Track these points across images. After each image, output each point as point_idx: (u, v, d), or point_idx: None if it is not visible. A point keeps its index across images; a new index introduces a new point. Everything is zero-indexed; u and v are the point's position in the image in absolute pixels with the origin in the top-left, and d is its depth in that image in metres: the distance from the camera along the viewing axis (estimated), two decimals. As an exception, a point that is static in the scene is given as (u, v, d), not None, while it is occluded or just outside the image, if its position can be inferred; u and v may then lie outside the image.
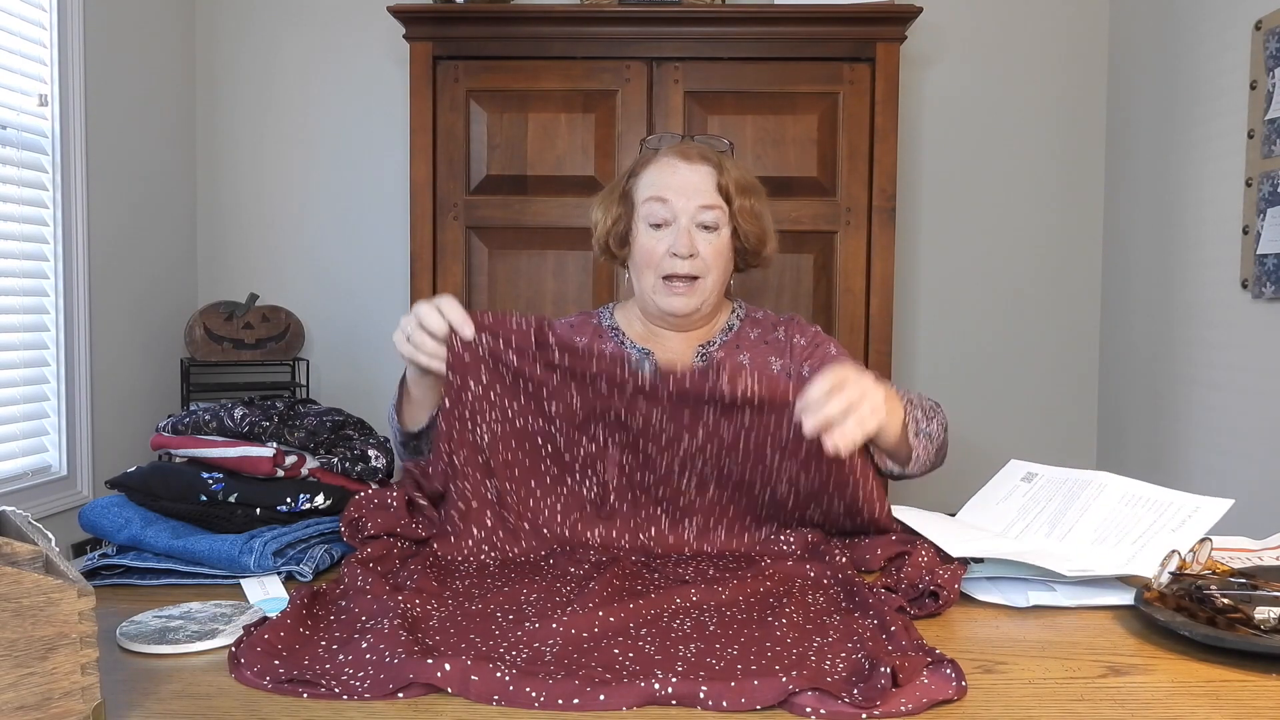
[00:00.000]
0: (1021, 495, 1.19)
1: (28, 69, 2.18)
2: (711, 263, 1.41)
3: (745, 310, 1.56)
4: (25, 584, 0.61)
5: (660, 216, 1.41)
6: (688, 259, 1.39)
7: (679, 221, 1.40)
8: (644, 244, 1.43)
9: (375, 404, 2.84)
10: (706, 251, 1.40)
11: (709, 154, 1.44)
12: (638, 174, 1.46)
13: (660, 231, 1.42)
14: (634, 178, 1.46)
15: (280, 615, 0.83)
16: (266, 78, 2.86)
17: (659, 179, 1.42)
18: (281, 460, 1.09)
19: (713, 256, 1.41)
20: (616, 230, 1.48)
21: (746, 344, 1.50)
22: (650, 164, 1.45)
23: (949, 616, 0.93)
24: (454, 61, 2.42)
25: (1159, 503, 1.07)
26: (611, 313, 1.56)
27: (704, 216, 1.40)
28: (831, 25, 2.37)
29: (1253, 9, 2.13)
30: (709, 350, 1.49)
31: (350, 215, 2.88)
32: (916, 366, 2.88)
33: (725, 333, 1.51)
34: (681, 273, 1.40)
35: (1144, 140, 2.62)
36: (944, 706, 0.72)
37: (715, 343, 1.50)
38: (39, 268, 2.23)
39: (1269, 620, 0.82)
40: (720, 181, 1.41)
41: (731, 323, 1.53)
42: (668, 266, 1.40)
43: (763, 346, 1.50)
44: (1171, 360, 2.47)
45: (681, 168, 1.42)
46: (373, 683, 0.73)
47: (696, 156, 1.42)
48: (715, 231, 1.41)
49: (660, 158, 1.44)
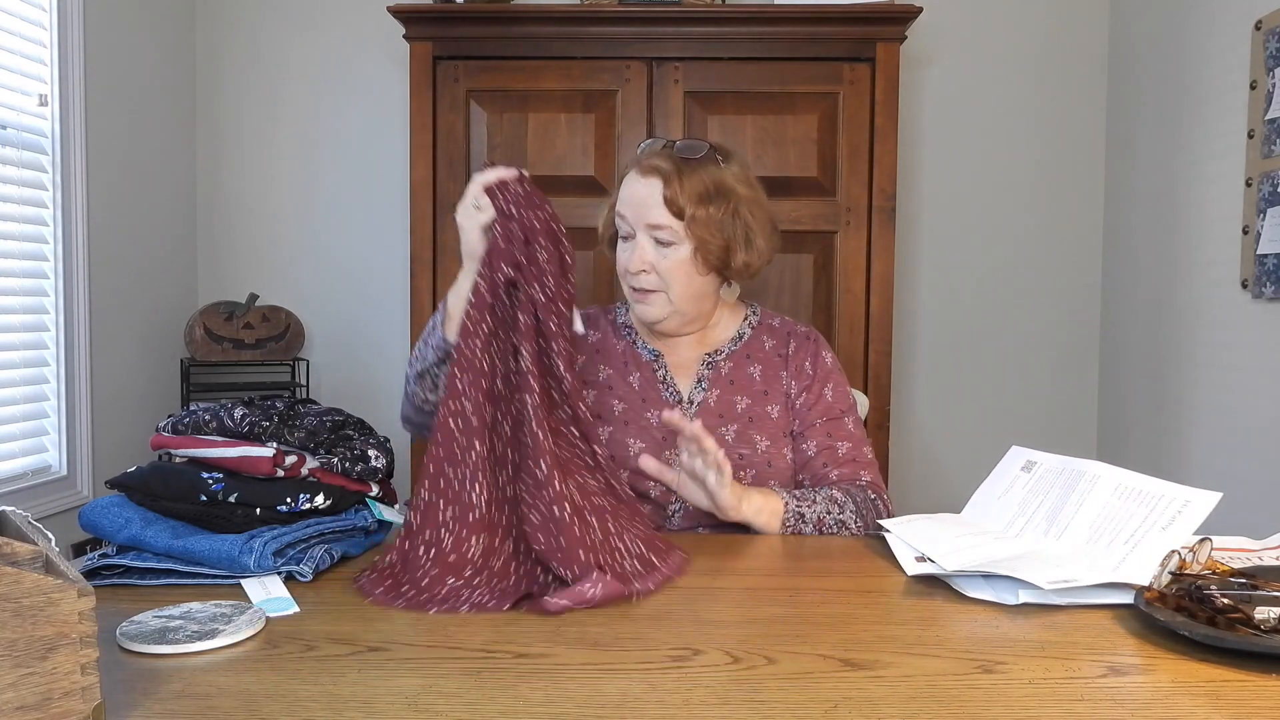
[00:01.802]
0: (1021, 487, 1.21)
1: (28, 69, 2.18)
2: (669, 277, 1.39)
3: (761, 317, 1.54)
4: (25, 584, 0.61)
5: (624, 230, 1.42)
6: (639, 274, 1.40)
7: (636, 236, 1.40)
8: (616, 255, 1.46)
9: (375, 404, 2.85)
10: (663, 266, 1.39)
11: (664, 165, 1.39)
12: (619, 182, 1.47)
13: (625, 244, 1.43)
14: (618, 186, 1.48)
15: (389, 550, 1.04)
16: (267, 78, 2.86)
17: (623, 192, 1.42)
18: (281, 460, 1.09)
19: (669, 271, 1.39)
20: (607, 236, 1.51)
21: (759, 354, 1.49)
22: (625, 174, 1.45)
23: (949, 616, 0.93)
24: (454, 61, 2.42)
25: (1150, 495, 1.08)
26: (627, 310, 1.55)
27: (655, 233, 1.39)
28: (831, 25, 2.37)
29: (1253, 9, 2.13)
30: (716, 359, 1.48)
31: (350, 215, 2.88)
32: (916, 366, 2.88)
33: (735, 341, 1.50)
34: (637, 286, 1.41)
35: (1144, 140, 2.62)
36: (944, 706, 0.72)
37: (724, 351, 1.49)
38: (39, 268, 2.23)
39: (1269, 620, 0.82)
40: (667, 195, 1.37)
41: (743, 331, 1.51)
42: (630, 280, 1.42)
43: (775, 359, 1.49)
44: (1171, 360, 2.47)
45: (636, 182, 1.40)
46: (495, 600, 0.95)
47: (650, 169, 1.39)
48: (670, 246, 1.39)
49: (631, 168, 1.43)
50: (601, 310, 1.58)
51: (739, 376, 1.47)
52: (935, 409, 2.89)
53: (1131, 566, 0.99)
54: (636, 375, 1.48)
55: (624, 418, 1.44)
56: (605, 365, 1.50)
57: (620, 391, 1.47)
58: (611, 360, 1.50)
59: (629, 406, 1.45)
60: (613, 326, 1.54)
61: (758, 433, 1.43)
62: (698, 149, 1.42)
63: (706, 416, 1.43)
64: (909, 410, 2.88)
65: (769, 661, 0.81)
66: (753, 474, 1.41)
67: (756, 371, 1.48)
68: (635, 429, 1.43)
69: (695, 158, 1.41)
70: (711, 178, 1.40)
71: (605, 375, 1.49)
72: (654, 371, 1.47)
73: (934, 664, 0.81)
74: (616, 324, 1.54)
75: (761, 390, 1.46)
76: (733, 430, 1.43)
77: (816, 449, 1.44)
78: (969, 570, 1.01)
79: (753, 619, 0.92)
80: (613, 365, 1.49)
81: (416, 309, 2.43)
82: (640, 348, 1.50)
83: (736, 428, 1.43)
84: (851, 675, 0.78)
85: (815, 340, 1.52)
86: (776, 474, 1.42)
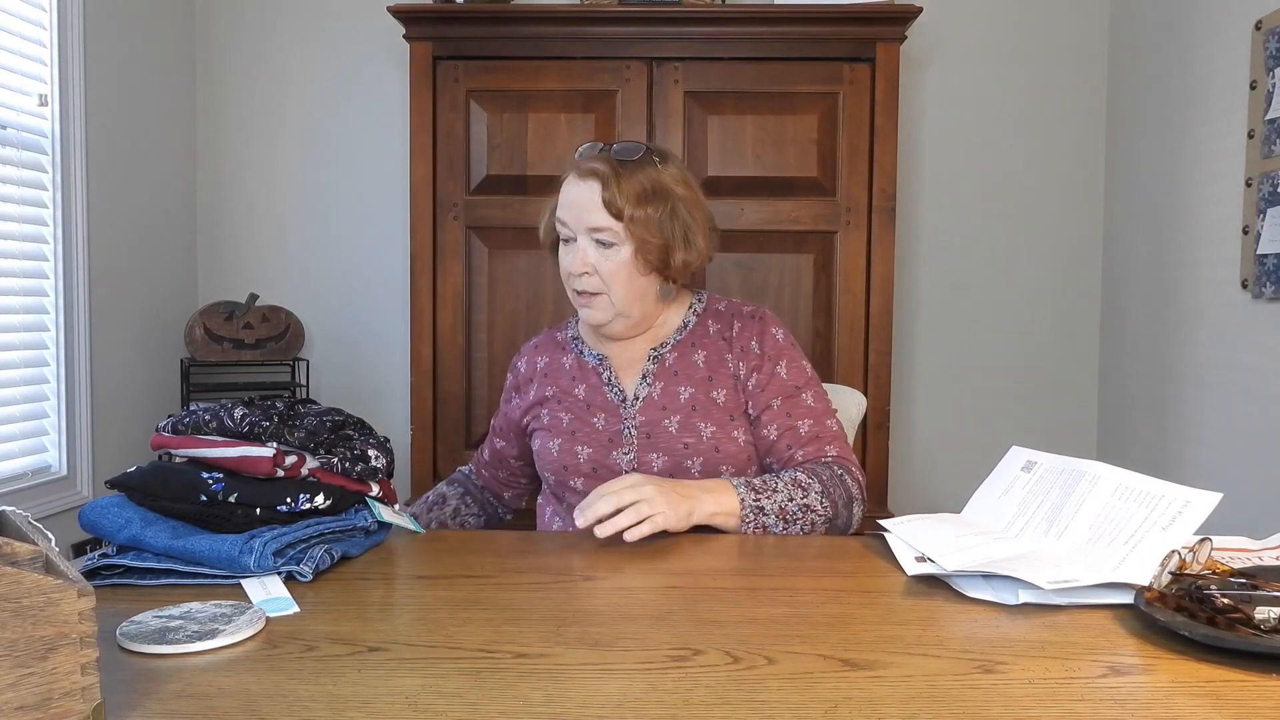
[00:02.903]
0: (1021, 488, 1.21)
1: (28, 69, 2.18)
2: (610, 279, 1.40)
3: (707, 303, 1.54)
4: (25, 584, 0.61)
5: (564, 234, 1.43)
6: (581, 276, 1.41)
7: (576, 239, 1.41)
8: (559, 259, 1.46)
9: (375, 404, 2.85)
10: (605, 268, 1.40)
11: (601, 167, 1.39)
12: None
13: (566, 247, 1.44)
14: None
15: None
16: (267, 78, 2.86)
17: (562, 196, 1.43)
18: (281, 460, 1.09)
19: (610, 273, 1.40)
20: (549, 240, 1.51)
21: (703, 340, 1.49)
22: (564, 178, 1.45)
23: (948, 616, 0.93)
24: (454, 61, 2.42)
25: (1150, 495, 1.07)
26: (576, 323, 1.58)
27: (595, 235, 1.40)
28: (831, 25, 2.37)
29: (1253, 9, 2.13)
30: (661, 352, 1.49)
31: (350, 215, 2.88)
32: (916, 366, 2.88)
33: (680, 331, 1.50)
34: (580, 289, 1.42)
35: (1144, 140, 2.62)
36: (944, 706, 0.72)
37: (669, 343, 1.49)
38: (39, 268, 2.23)
39: (1269, 620, 0.82)
40: (605, 196, 1.38)
41: (688, 319, 1.51)
42: (573, 283, 1.43)
43: (720, 343, 1.49)
44: (1171, 360, 2.47)
45: (574, 185, 1.41)
46: None
47: (588, 172, 1.40)
48: (611, 248, 1.40)
49: (568, 172, 1.44)
50: (550, 333, 1.61)
51: (683, 366, 1.47)
52: (935, 409, 2.89)
53: (1131, 566, 0.99)
54: (583, 385, 1.50)
55: (571, 428, 1.47)
56: (552, 384, 1.53)
57: (567, 403, 1.50)
58: (559, 378, 1.53)
59: (575, 416, 1.48)
60: (561, 346, 1.56)
61: (702, 420, 1.43)
62: (634, 150, 1.43)
63: (649, 410, 1.45)
64: (909, 410, 2.88)
65: (769, 661, 0.81)
66: (700, 460, 1.41)
67: (700, 358, 1.48)
68: (583, 436, 1.46)
69: (632, 159, 1.41)
70: (649, 178, 1.40)
71: (552, 392, 1.52)
72: (599, 375, 1.49)
73: (934, 664, 0.81)
74: (566, 340, 1.57)
75: (705, 376, 1.46)
76: (676, 420, 1.43)
77: (778, 431, 1.43)
78: (969, 570, 1.01)
79: (753, 619, 0.92)
80: (559, 383, 1.52)
81: (416, 309, 2.43)
82: (586, 355, 1.52)
83: (679, 417, 1.43)
84: (851, 675, 0.78)
85: (762, 319, 1.50)
86: (727, 458, 1.42)
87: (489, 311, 2.46)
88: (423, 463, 2.44)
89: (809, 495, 1.33)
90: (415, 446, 2.45)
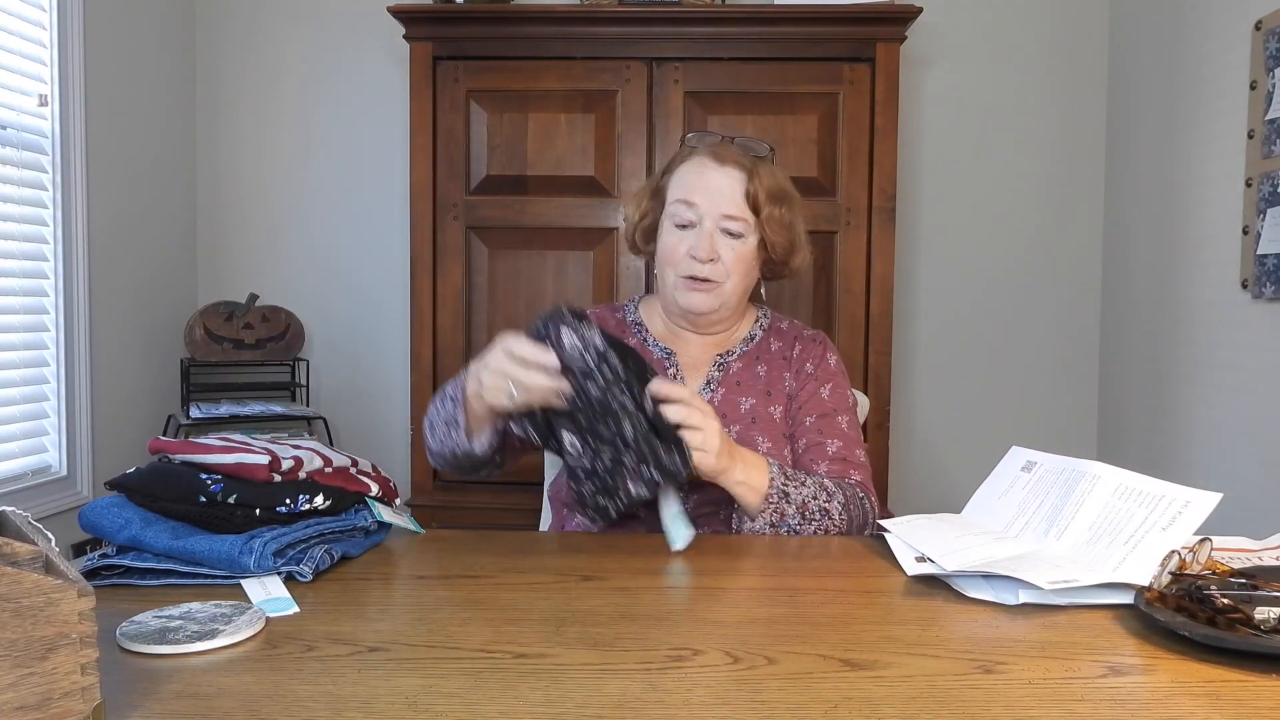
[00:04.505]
0: (1021, 488, 1.20)
1: (28, 69, 2.19)
2: (732, 268, 1.40)
3: (770, 319, 1.54)
4: (25, 584, 0.61)
5: (685, 218, 1.41)
6: (707, 263, 1.39)
7: (703, 225, 1.39)
8: (667, 242, 1.43)
9: (375, 404, 2.85)
10: (728, 257, 1.39)
11: (743, 159, 1.41)
12: (672, 171, 1.45)
13: (684, 232, 1.41)
14: (668, 174, 1.46)
15: None
16: (267, 78, 2.86)
17: (688, 179, 1.41)
18: (278, 466, 1.09)
19: (733, 262, 1.40)
20: (644, 225, 1.48)
21: (766, 355, 1.49)
22: (684, 162, 1.44)
23: (948, 616, 0.93)
24: (454, 62, 2.42)
25: (1150, 495, 1.07)
26: (636, 307, 1.55)
27: (728, 224, 1.39)
28: (831, 25, 2.37)
29: (1253, 9, 2.13)
30: (727, 360, 1.48)
31: (350, 215, 2.88)
32: (916, 366, 2.88)
33: (746, 343, 1.50)
34: (700, 275, 1.40)
35: (1144, 140, 2.62)
36: (944, 706, 0.72)
37: (735, 353, 1.49)
38: (39, 268, 2.23)
39: (1269, 620, 0.82)
40: (749, 189, 1.38)
41: (754, 333, 1.51)
42: (687, 267, 1.40)
43: (780, 361, 1.49)
44: (1171, 360, 2.47)
45: (712, 171, 1.40)
46: None
47: (730, 160, 1.40)
48: (740, 239, 1.40)
49: (694, 156, 1.43)
50: (609, 309, 1.57)
51: (745, 377, 1.47)
52: (935, 409, 2.89)
53: (1131, 567, 0.98)
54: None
55: None
56: None
57: None
58: None
59: None
60: (622, 326, 1.53)
61: (760, 434, 1.43)
62: (762, 148, 1.44)
63: None
64: (909, 410, 2.88)
65: (769, 661, 0.81)
66: None
67: (762, 371, 1.48)
68: None
69: (763, 155, 1.44)
70: (778, 179, 1.42)
71: None
72: (665, 369, 1.47)
73: (934, 664, 0.81)
74: (626, 322, 1.53)
75: (765, 391, 1.46)
76: (735, 431, 1.43)
77: (805, 445, 1.43)
78: (969, 570, 1.01)
79: (753, 619, 0.92)
80: None
81: (416, 309, 2.44)
82: (652, 345, 1.49)
83: (739, 428, 1.43)
84: (851, 675, 0.78)
85: (822, 343, 1.52)
86: None
87: (489, 311, 2.46)
88: (423, 463, 2.44)
89: (832, 501, 1.33)
90: (415, 446, 2.45)
